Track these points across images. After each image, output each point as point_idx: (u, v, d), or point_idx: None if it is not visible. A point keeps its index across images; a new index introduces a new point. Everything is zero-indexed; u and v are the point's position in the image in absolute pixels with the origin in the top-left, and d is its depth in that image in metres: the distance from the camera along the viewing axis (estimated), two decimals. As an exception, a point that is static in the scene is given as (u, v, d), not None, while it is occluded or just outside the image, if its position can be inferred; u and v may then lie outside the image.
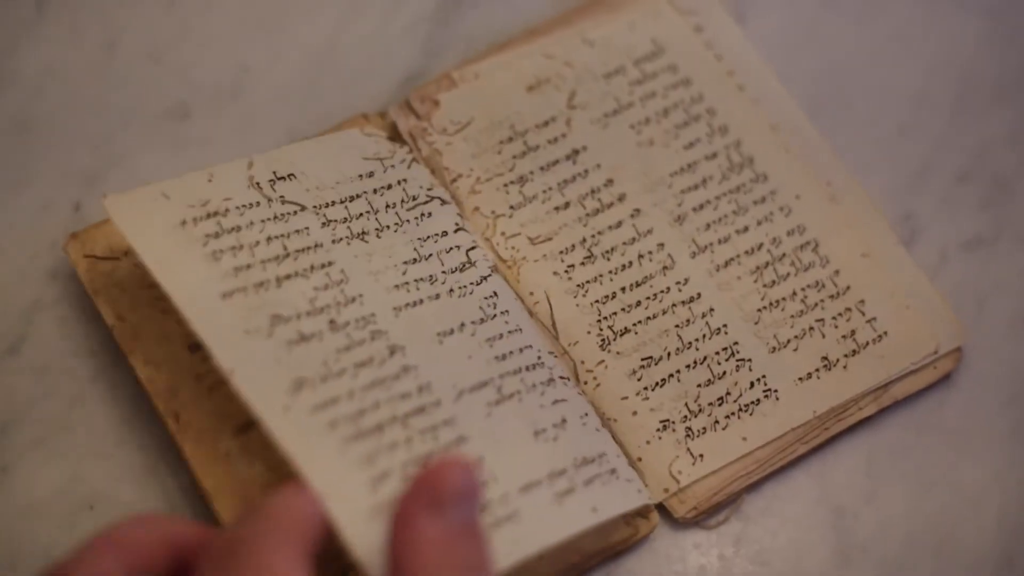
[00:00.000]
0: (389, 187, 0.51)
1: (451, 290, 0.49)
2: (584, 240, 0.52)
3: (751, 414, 0.49)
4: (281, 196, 0.48)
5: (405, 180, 0.51)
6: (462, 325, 0.48)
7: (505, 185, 0.52)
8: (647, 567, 0.48)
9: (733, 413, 0.49)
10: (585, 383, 0.49)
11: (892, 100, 0.56)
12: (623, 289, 0.51)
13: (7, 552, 0.46)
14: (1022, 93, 0.57)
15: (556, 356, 0.49)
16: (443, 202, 0.51)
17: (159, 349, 0.48)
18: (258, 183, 0.48)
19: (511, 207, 0.52)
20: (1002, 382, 0.52)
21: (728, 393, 0.49)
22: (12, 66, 0.53)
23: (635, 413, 0.49)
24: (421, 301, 0.48)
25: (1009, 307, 0.53)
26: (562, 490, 0.45)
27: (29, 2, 0.54)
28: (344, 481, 0.42)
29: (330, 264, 0.47)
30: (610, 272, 0.51)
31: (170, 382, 0.48)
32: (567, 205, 0.52)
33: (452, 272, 0.49)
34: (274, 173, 0.49)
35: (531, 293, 0.50)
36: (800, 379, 0.50)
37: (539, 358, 0.48)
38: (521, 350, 0.48)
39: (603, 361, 0.50)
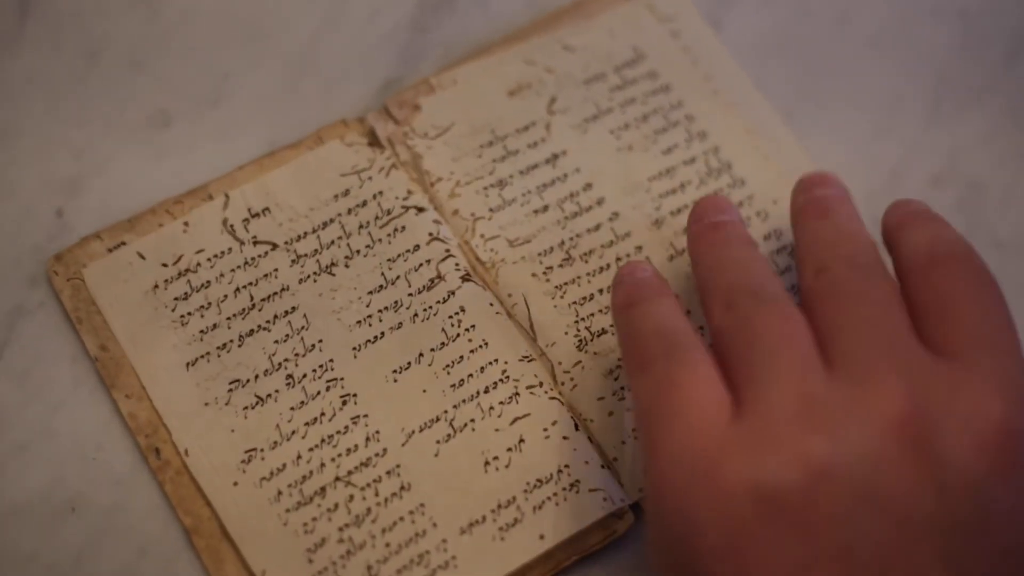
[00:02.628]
0: (364, 204, 0.52)
1: (415, 315, 0.50)
2: (563, 243, 0.52)
3: None
4: (254, 237, 0.51)
5: (381, 193, 0.52)
6: (420, 356, 0.49)
7: (485, 188, 0.53)
8: (625, 565, 0.48)
9: None
10: (563, 384, 0.50)
11: (866, 104, 0.57)
12: (600, 291, 0.51)
13: (-10, 555, 0.47)
14: (996, 97, 0.57)
15: (532, 360, 0.50)
16: (419, 210, 0.52)
17: (150, 365, 0.49)
18: (232, 226, 0.51)
19: (490, 210, 0.52)
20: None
21: None
22: (-6, 75, 0.54)
23: (611, 413, 0.49)
24: (382, 334, 0.50)
25: (983, 307, 0.54)
26: (507, 522, 0.47)
27: (11, 12, 0.55)
28: (282, 555, 0.46)
29: (293, 310, 0.50)
30: (588, 274, 0.52)
31: (151, 417, 0.48)
32: (546, 208, 0.53)
33: (419, 293, 0.50)
34: (248, 210, 0.51)
35: (509, 295, 0.51)
36: None
37: (504, 373, 0.49)
38: (483, 368, 0.49)
39: (580, 362, 0.50)
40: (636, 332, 0.45)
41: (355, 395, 0.49)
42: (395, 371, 0.49)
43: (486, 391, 0.49)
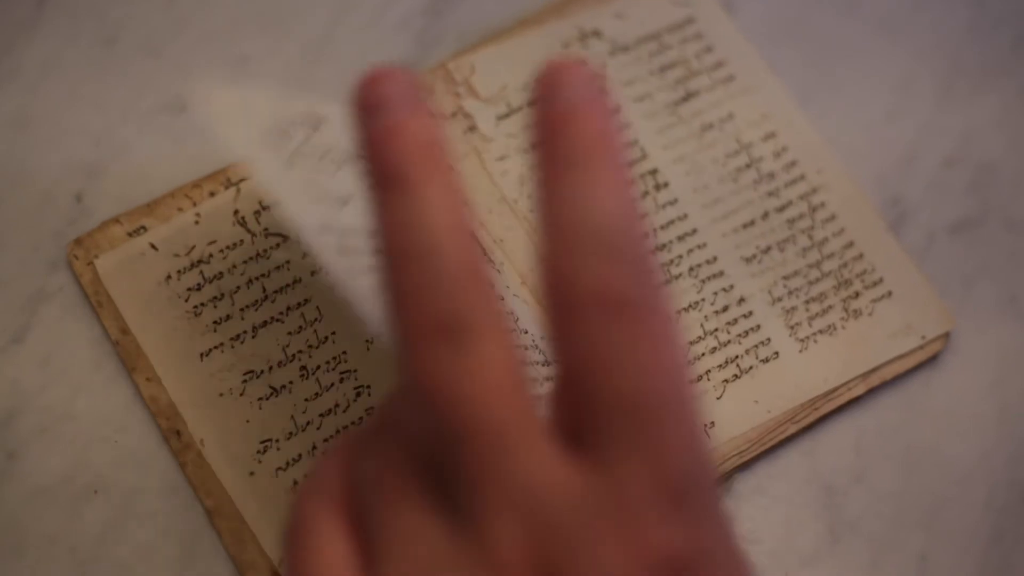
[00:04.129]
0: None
1: None
2: None
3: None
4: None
5: None
6: None
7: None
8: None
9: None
10: None
11: (879, 86, 0.57)
12: None
13: (14, 537, 0.47)
14: (1007, 78, 0.57)
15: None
16: None
17: (165, 357, 0.49)
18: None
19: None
20: (988, 363, 0.53)
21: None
22: (13, 62, 0.54)
23: None
24: None
25: (995, 289, 0.54)
26: None
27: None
28: None
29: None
30: None
31: (171, 387, 0.49)
32: None
33: None
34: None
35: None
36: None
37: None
38: None
39: None
40: None
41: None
42: None
43: None
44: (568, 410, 0.31)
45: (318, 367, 0.49)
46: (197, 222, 0.51)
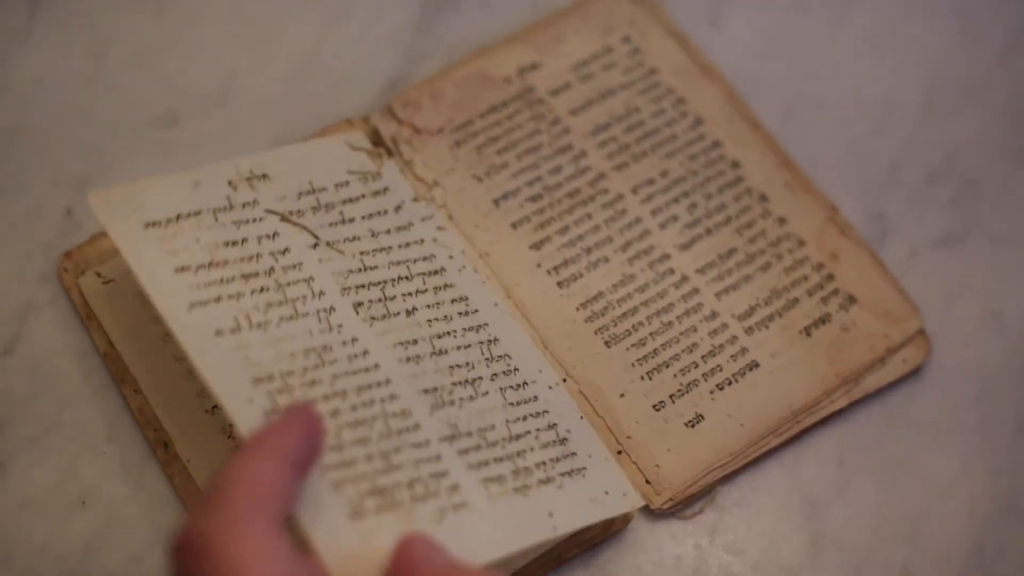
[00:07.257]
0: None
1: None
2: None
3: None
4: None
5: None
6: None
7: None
8: (625, 557, 0.49)
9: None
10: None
11: (863, 102, 0.57)
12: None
13: (2, 546, 0.48)
14: (990, 94, 0.58)
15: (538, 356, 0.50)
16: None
17: (151, 377, 0.49)
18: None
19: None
20: (970, 375, 0.53)
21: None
22: (3, 76, 0.55)
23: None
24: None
25: (977, 302, 0.54)
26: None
27: (20, 13, 0.56)
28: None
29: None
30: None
31: (160, 411, 0.49)
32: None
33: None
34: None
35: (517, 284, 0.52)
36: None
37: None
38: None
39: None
40: None
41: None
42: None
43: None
44: None
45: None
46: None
